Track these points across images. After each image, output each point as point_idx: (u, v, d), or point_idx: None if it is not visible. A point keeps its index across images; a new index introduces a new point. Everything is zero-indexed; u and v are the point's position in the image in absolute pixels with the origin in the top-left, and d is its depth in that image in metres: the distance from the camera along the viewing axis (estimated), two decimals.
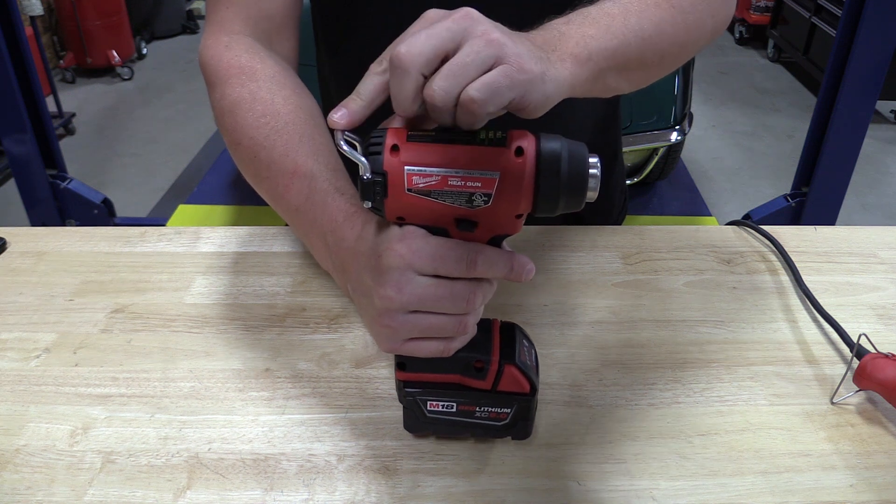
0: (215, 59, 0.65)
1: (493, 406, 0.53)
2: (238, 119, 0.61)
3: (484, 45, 0.41)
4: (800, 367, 0.63)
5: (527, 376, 0.52)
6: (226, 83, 0.63)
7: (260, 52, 0.65)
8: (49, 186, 2.30)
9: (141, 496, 0.51)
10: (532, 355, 0.55)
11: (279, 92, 0.62)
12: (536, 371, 0.54)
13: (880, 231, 0.83)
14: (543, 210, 0.45)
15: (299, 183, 0.58)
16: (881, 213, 2.91)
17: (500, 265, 0.46)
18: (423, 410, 0.54)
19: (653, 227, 0.83)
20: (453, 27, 0.41)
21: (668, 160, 2.74)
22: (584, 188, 0.44)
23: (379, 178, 0.44)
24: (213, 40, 0.66)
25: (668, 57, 0.60)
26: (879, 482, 0.52)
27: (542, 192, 0.44)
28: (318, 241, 0.58)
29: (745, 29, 4.83)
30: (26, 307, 0.70)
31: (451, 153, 0.43)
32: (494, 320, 0.55)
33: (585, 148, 0.44)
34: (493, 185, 0.43)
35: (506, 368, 0.52)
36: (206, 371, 0.62)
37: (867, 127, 2.04)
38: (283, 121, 0.60)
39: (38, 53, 3.15)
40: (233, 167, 3.18)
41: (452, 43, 0.41)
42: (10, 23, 2.08)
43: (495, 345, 0.52)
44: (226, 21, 0.67)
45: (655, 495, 0.51)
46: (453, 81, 0.40)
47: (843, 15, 1.95)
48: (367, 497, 0.51)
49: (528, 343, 0.56)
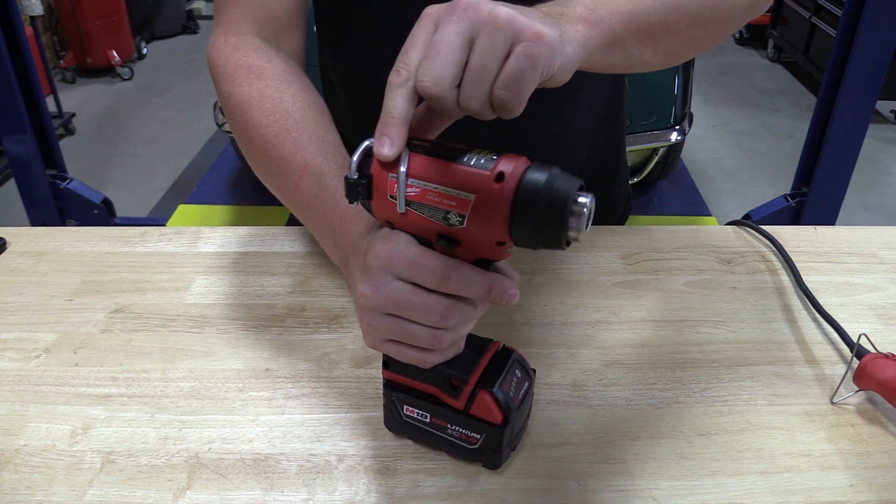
0: (223, 60, 0.66)
1: (463, 427, 0.52)
2: (248, 118, 0.62)
3: (494, 30, 0.40)
4: (800, 367, 0.63)
5: (501, 407, 0.50)
6: (234, 83, 0.64)
7: (267, 51, 0.66)
8: (49, 186, 2.30)
9: (141, 496, 0.51)
10: (523, 388, 0.53)
11: (287, 90, 0.63)
12: (520, 405, 0.52)
13: (880, 231, 0.83)
14: (520, 242, 0.43)
15: (309, 179, 0.59)
16: (881, 213, 2.91)
17: (476, 286, 0.44)
18: (399, 412, 0.54)
19: (653, 227, 0.83)
20: (461, 27, 0.40)
21: (668, 160, 2.74)
22: (561, 227, 0.41)
23: (363, 180, 0.45)
24: (221, 41, 0.67)
25: (697, 23, 0.56)
26: (879, 482, 0.52)
27: (515, 223, 0.42)
28: (328, 236, 0.58)
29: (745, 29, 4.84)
30: (26, 307, 0.70)
31: (434, 168, 0.43)
32: (495, 343, 0.53)
33: (577, 185, 0.41)
34: (467, 207, 0.42)
35: (479, 393, 0.50)
36: (206, 371, 0.62)
37: (867, 127, 2.04)
38: (292, 119, 0.61)
39: (38, 53, 3.15)
40: (233, 167, 3.18)
41: (466, 46, 0.41)
42: (10, 23, 2.08)
43: (480, 367, 0.51)
44: (233, 22, 0.67)
45: (655, 495, 0.51)
46: (480, 86, 0.41)
47: (843, 15, 1.95)
48: (367, 497, 0.51)
49: (523, 375, 0.53)
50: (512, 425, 0.51)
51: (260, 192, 2.98)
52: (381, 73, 0.82)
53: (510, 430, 0.51)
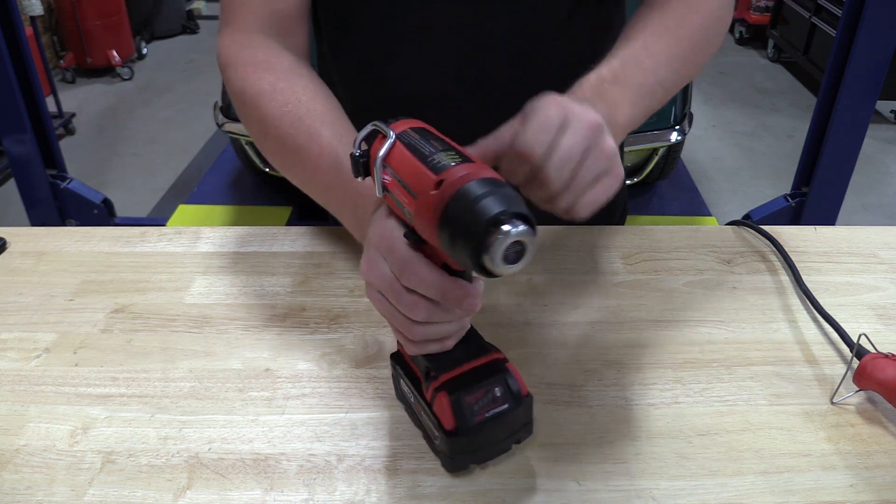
0: (233, 57, 0.68)
1: (430, 420, 0.51)
2: (262, 111, 0.64)
3: (603, 158, 0.49)
4: (800, 367, 0.63)
5: (456, 415, 0.48)
6: (245, 79, 0.66)
7: (274, 47, 0.68)
8: (49, 186, 2.30)
9: (141, 496, 0.51)
10: (495, 408, 0.49)
11: (297, 81, 0.65)
12: (483, 422, 0.49)
13: (880, 231, 0.83)
14: (450, 256, 0.41)
15: (326, 163, 0.60)
16: (881, 213, 2.91)
17: (432, 288, 0.44)
18: (398, 385, 0.56)
19: (653, 227, 0.83)
20: (584, 145, 0.48)
21: (668, 160, 2.74)
22: (475, 250, 0.37)
23: (363, 158, 0.47)
24: (229, 40, 0.69)
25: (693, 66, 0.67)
26: (879, 482, 0.52)
27: (440, 233, 0.40)
28: (350, 215, 0.60)
29: (745, 29, 4.84)
30: (26, 307, 0.70)
31: (402, 160, 0.44)
32: (495, 353, 0.51)
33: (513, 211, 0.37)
34: (413, 206, 0.42)
35: (439, 394, 0.49)
36: (206, 371, 0.62)
37: (867, 127, 2.04)
38: (304, 108, 0.63)
39: (38, 53, 3.15)
40: (233, 167, 3.18)
41: (582, 157, 0.48)
42: (10, 23, 2.07)
43: (460, 370, 0.50)
44: (239, 21, 0.69)
45: (655, 495, 0.51)
46: (574, 195, 0.49)
47: (843, 15, 1.95)
48: (367, 497, 0.51)
49: (504, 396, 0.50)
50: (469, 439, 0.49)
51: (260, 192, 2.98)
52: (381, 71, 0.82)
53: (465, 443, 0.50)
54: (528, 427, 0.53)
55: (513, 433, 0.52)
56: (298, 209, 2.80)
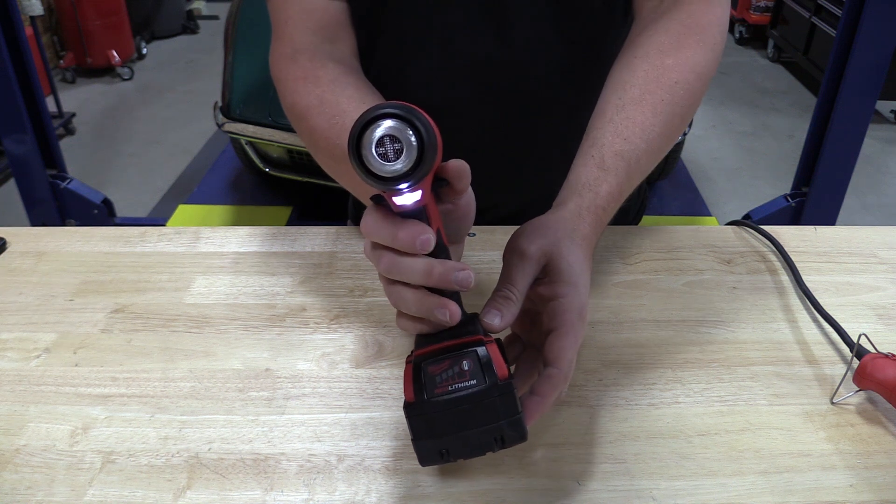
0: (283, 72, 0.71)
1: None
2: (312, 124, 0.66)
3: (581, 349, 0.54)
4: (800, 367, 0.63)
5: (416, 385, 0.44)
6: (295, 93, 0.68)
7: (321, 58, 0.70)
8: (49, 186, 2.31)
9: (141, 496, 0.51)
10: (460, 383, 0.44)
11: (343, 92, 0.66)
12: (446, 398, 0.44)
13: (880, 231, 0.83)
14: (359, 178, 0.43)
15: None
16: (881, 213, 2.91)
17: (381, 230, 0.46)
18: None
19: (652, 227, 0.83)
20: (579, 341, 0.52)
21: (668, 160, 2.75)
22: (357, 155, 0.41)
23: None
24: (279, 54, 0.72)
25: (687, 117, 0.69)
26: (879, 482, 0.52)
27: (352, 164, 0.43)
28: None
29: (745, 29, 4.84)
30: (26, 307, 0.70)
31: None
32: (490, 339, 0.47)
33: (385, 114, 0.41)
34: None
35: (407, 365, 0.47)
36: (206, 371, 0.62)
37: (867, 127, 2.04)
38: (350, 118, 0.64)
39: (38, 53, 3.15)
40: (233, 167, 3.18)
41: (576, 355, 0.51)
42: (10, 23, 2.08)
43: (437, 346, 0.46)
44: (286, 35, 0.72)
45: (655, 495, 0.51)
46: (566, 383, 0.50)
47: (843, 15, 1.95)
48: (367, 497, 0.51)
49: (475, 372, 0.45)
50: (430, 416, 0.44)
51: (260, 192, 2.98)
52: (399, 79, 0.83)
53: (427, 422, 0.44)
54: (515, 426, 0.45)
55: (490, 426, 0.44)
56: (298, 209, 2.80)
